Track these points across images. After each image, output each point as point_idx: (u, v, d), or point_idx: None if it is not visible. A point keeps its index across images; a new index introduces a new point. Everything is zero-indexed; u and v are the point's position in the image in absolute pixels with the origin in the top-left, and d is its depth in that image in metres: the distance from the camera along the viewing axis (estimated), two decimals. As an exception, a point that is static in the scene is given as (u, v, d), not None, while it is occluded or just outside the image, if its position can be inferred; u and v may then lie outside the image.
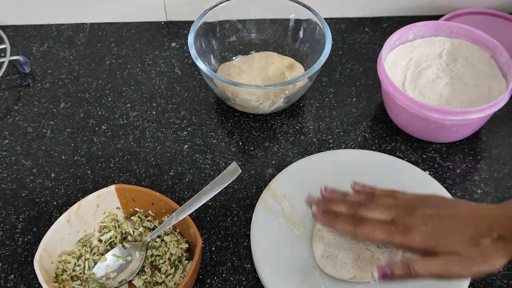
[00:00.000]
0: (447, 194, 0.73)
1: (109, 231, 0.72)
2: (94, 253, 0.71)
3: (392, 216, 0.61)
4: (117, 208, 0.73)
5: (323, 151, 0.82)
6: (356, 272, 0.67)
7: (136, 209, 0.73)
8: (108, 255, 0.70)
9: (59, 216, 0.69)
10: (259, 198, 0.75)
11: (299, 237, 0.71)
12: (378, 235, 0.60)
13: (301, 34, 0.90)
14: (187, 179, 0.80)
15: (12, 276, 0.71)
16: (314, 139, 0.84)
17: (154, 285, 0.68)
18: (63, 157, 0.83)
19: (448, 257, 0.57)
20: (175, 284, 0.67)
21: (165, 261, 0.70)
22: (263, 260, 0.69)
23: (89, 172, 0.81)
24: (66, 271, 0.69)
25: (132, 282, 0.69)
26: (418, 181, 0.75)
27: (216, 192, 0.69)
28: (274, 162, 0.81)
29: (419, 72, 0.83)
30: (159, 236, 0.72)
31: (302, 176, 0.77)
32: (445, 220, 0.59)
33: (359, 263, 0.68)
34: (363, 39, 0.98)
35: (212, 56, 0.90)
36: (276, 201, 0.74)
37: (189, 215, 0.68)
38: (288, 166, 0.78)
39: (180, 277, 0.68)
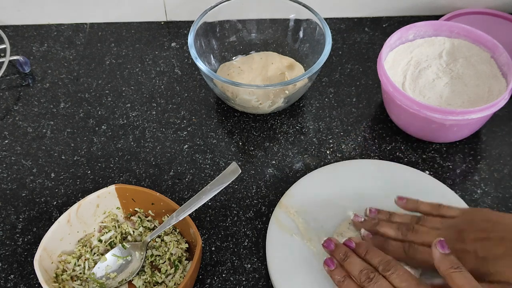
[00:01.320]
0: (452, 194, 0.74)
1: (109, 231, 0.72)
2: (94, 253, 0.71)
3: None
4: (117, 208, 0.73)
5: (323, 151, 0.82)
6: None
7: (136, 209, 0.73)
8: (108, 255, 0.70)
9: (59, 216, 0.69)
10: (272, 215, 0.72)
11: (317, 254, 0.69)
12: (431, 261, 0.58)
13: (301, 34, 0.90)
14: (187, 179, 0.80)
15: (12, 276, 0.71)
16: (314, 139, 0.84)
17: (154, 285, 0.68)
18: (63, 157, 0.83)
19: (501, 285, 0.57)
20: (175, 284, 0.67)
21: (165, 261, 0.70)
22: (282, 281, 0.67)
23: (89, 172, 0.81)
24: (66, 271, 0.69)
25: (132, 282, 0.69)
26: (430, 187, 0.75)
27: (216, 192, 0.69)
28: (274, 162, 0.81)
29: (419, 72, 0.83)
30: (159, 236, 0.72)
31: (313, 190, 0.74)
32: (496, 245, 0.58)
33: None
34: (363, 39, 0.98)
35: (212, 56, 0.90)
36: (290, 218, 0.72)
37: (189, 215, 0.68)
38: (298, 181, 0.76)
39: (180, 277, 0.68)
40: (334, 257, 0.63)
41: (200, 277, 0.70)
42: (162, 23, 1.02)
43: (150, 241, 0.71)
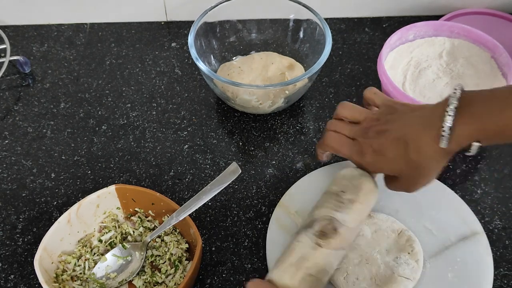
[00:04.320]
0: (452, 194, 0.74)
1: (109, 231, 0.72)
2: (94, 253, 0.71)
3: (354, 134, 0.67)
4: (117, 208, 0.73)
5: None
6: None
7: (136, 209, 0.73)
8: (108, 255, 0.70)
9: (59, 216, 0.69)
10: (272, 215, 0.72)
11: None
12: (341, 151, 0.68)
13: (301, 34, 0.90)
14: (187, 179, 0.80)
15: (12, 276, 0.71)
16: (314, 139, 0.84)
17: (154, 285, 0.68)
18: (63, 157, 0.83)
19: (397, 179, 0.64)
20: (175, 284, 0.67)
21: (165, 261, 0.70)
22: None
23: (89, 172, 0.81)
24: (66, 271, 0.69)
25: (132, 282, 0.69)
26: (431, 187, 0.74)
27: (216, 192, 0.69)
28: (274, 162, 0.81)
29: (419, 72, 0.83)
30: (159, 236, 0.72)
31: (314, 190, 0.73)
32: (388, 139, 0.62)
33: (377, 281, 0.66)
34: (363, 39, 0.98)
35: (212, 56, 0.90)
36: (290, 218, 0.72)
37: (189, 215, 0.68)
38: (298, 181, 0.76)
39: (180, 277, 0.68)
40: None
41: (200, 277, 0.70)
42: (162, 23, 1.02)
43: (150, 241, 0.71)
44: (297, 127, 0.86)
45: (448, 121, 0.57)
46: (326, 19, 0.86)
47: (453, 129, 0.57)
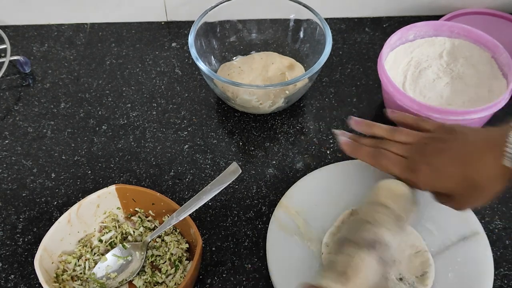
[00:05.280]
0: None
1: (110, 231, 0.72)
2: (95, 253, 0.71)
3: (407, 152, 0.64)
4: (118, 208, 0.73)
5: (323, 151, 0.82)
6: None
7: (136, 209, 0.73)
8: (109, 255, 0.70)
9: (60, 216, 0.68)
10: (272, 215, 0.72)
11: (317, 255, 0.69)
12: (391, 169, 0.65)
13: (301, 34, 0.90)
14: (187, 179, 0.80)
15: (12, 276, 0.71)
16: (315, 139, 0.84)
17: (155, 285, 0.68)
18: (63, 157, 0.83)
19: (448, 196, 0.63)
20: (175, 284, 0.67)
21: (165, 261, 0.70)
22: (282, 281, 0.66)
23: (90, 172, 0.81)
24: (67, 271, 0.69)
25: (133, 282, 0.69)
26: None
27: (216, 192, 0.69)
28: (274, 162, 0.81)
29: (419, 72, 0.83)
30: (159, 236, 0.72)
31: (314, 190, 0.74)
32: (447, 157, 0.61)
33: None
34: (363, 39, 0.98)
35: (212, 56, 0.90)
36: (290, 218, 0.72)
37: (190, 215, 0.68)
38: (298, 181, 0.75)
39: (181, 277, 0.68)
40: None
41: (201, 277, 0.70)
42: (163, 23, 1.02)
43: (150, 241, 0.71)
44: (297, 127, 0.86)
45: None
46: (326, 19, 0.86)
47: None
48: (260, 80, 0.87)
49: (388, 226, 0.62)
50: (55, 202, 0.78)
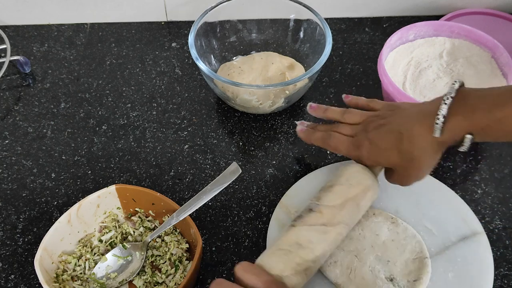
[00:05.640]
0: (452, 194, 0.74)
1: (110, 231, 0.72)
2: (95, 253, 0.71)
3: (354, 131, 0.69)
4: (118, 208, 0.73)
5: (323, 151, 0.82)
6: (343, 279, 0.65)
7: (136, 209, 0.73)
8: (109, 255, 0.70)
9: (60, 216, 0.69)
10: (272, 215, 0.72)
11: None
12: (339, 148, 0.70)
13: (301, 34, 0.91)
14: (187, 179, 0.80)
15: (12, 276, 0.71)
16: (315, 139, 0.84)
17: (155, 285, 0.68)
18: (63, 157, 0.83)
19: (393, 171, 0.66)
20: (175, 284, 0.67)
21: (165, 261, 0.70)
22: None
23: (90, 172, 0.81)
24: (67, 271, 0.69)
25: (133, 282, 0.69)
26: (431, 187, 0.74)
27: (216, 192, 0.69)
28: (274, 162, 0.81)
29: (419, 72, 0.83)
30: (159, 236, 0.72)
31: (314, 190, 0.73)
32: (387, 135, 0.64)
33: (351, 275, 0.66)
34: (363, 39, 0.98)
35: (212, 56, 0.90)
36: (290, 218, 0.71)
37: (190, 215, 0.68)
38: (298, 181, 0.75)
39: (181, 277, 0.68)
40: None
41: (201, 277, 0.70)
42: (163, 23, 1.02)
43: (150, 241, 0.71)
44: (298, 127, 0.86)
45: (443, 110, 0.58)
46: (326, 19, 0.86)
47: (446, 119, 0.58)
48: (260, 80, 0.87)
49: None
50: (55, 202, 0.78)
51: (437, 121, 0.58)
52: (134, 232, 0.72)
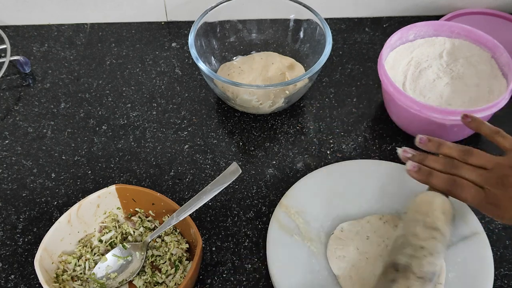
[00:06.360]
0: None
1: (110, 231, 0.72)
2: (95, 253, 0.71)
3: (484, 182, 0.62)
4: (118, 208, 0.73)
5: (323, 151, 0.82)
6: (342, 272, 0.65)
7: (136, 209, 0.73)
8: (109, 256, 0.70)
9: (60, 216, 0.69)
10: (272, 216, 0.72)
11: (317, 254, 0.69)
12: (470, 202, 0.63)
13: (301, 34, 0.90)
14: (187, 179, 0.80)
15: (12, 276, 0.71)
16: (315, 139, 0.84)
17: (155, 285, 0.68)
18: (63, 157, 0.83)
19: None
20: (175, 284, 0.67)
21: (165, 261, 0.70)
22: (282, 281, 0.66)
23: (90, 172, 0.81)
24: (67, 271, 0.69)
25: (133, 282, 0.69)
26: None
27: (216, 192, 0.69)
28: (274, 162, 0.81)
29: (419, 72, 0.83)
30: (159, 236, 0.72)
31: (314, 190, 0.74)
32: None
33: (352, 272, 0.66)
34: (363, 39, 0.98)
35: (212, 56, 0.90)
36: (290, 218, 0.71)
37: (190, 215, 0.68)
38: (298, 181, 0.75)
39: (181, 277, 0.68)
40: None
41: (201, 277, 0.70)
42: (163, 23, 1.02)
43: (150, 241, 0.71)
44: (298, 127, 0.86)
45: None
46: (326, 19, 0.86)
47: None
48: (260, 80, 0.87)
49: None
50: (55, 202, 0.78)
51: None
52: (134, 232, 0.72)
